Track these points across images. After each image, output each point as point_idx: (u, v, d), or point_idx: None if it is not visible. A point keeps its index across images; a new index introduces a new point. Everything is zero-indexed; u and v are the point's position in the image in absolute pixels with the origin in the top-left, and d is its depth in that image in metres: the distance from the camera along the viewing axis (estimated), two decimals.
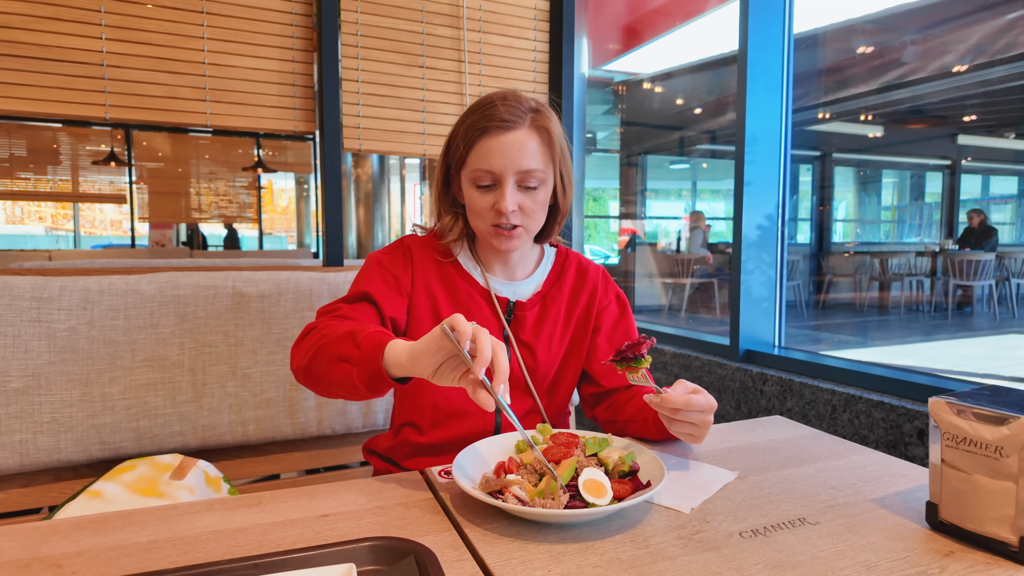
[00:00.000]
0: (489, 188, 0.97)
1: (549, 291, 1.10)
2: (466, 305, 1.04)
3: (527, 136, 0.96)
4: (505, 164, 0.95)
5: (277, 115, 1.64)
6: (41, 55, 1.42)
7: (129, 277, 1.27)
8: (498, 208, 0.96)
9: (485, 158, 0.95)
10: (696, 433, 0.88)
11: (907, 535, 0.70)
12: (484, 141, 0.95)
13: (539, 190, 0.99)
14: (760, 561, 0.64)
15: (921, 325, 6.80)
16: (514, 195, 0.96)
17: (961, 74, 6.31)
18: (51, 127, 8.07)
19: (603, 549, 0.66)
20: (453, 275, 1.05)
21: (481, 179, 0.97)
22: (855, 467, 0.90)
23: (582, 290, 1.12)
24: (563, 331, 1.09)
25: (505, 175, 0.95)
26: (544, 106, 1.01)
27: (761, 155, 2.26)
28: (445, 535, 0.70)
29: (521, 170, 0.96)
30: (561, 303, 1.09)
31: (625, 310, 1.15)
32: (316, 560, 0.59)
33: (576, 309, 1.10)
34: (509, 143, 0.95)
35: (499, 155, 0.95)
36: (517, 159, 0.95)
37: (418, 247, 1.06)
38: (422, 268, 1.04)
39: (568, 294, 1.10)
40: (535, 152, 0.96)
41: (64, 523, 0.73)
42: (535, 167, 0.96)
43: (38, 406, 1.19)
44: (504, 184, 0.96)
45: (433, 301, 1.03)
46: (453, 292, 1.04)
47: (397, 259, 1.04)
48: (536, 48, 1.94)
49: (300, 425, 1.39)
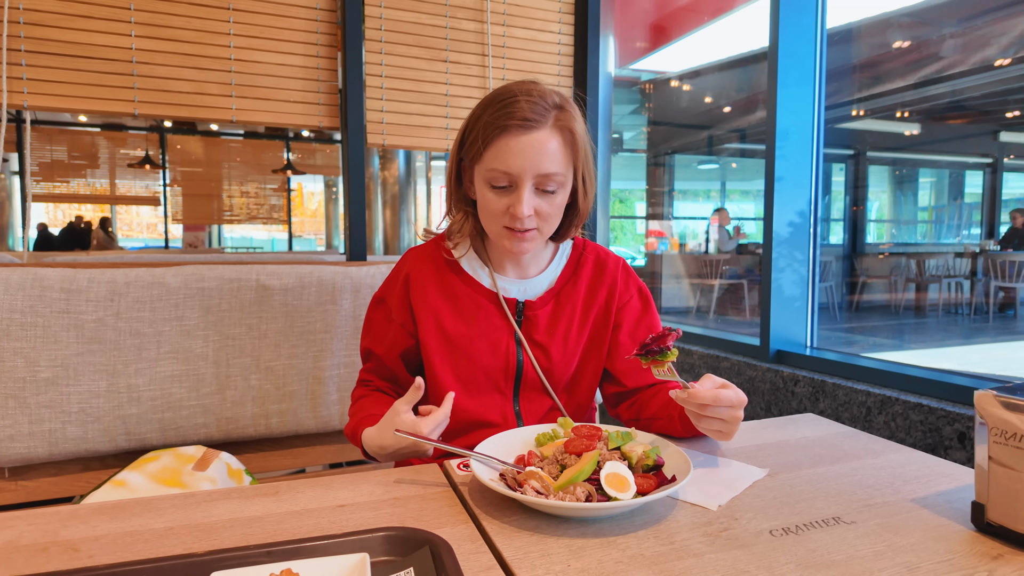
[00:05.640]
0: (505, 189, 0.91)
1: (563, 287, 1.05)
2: (471, 313, 1.00)
3: (549, 137, 0.90)
4: (524, 167, 0.89)
5: (302, 110, 1.65)
6: (73, 52, 1.45)
7: (155, 270, 1.28)
8: (513, 213, 0.91)
9: (503, 158, 0.89)
10: (725, 430, 0.85)
11: (951, 536, 0.65)
12: (503, 140, 0.89)
13: (557, 194, 0.93)
14: (792, 560, 0.60)
15: (960, 328, 6.57)
16: (531, 199, 0.91)
17: (1004, 68, 6.09)
18: (90, 131, 8.32)
19: (625, 544, 0.64)
20: (456, 284, 1.02)
21: (497, 180, 0.91)
22: (893, 466, 0.85)
23: (600, 285, 1.06)
24: (580, 329, 1.04)
25: (523, 178, 0.89)
26: (568, 102, 0.95)
27: (792, 150, 2.20)
28: (463, 527, 0.68)
29: (540, 173, 0.90)
30: (577, 300, 1.04)
31: (648, 304, 1.10)
32: (329, 549, 0.58)
33: (594, 305, 1.05)
34: (530, 144, 0.88)
35: (518, 156, 0.88)
36: (537, 162, 0.89)
37: (416, 264, 1.04)
38: (420, 288, 1.01)
39: (585, 290, 1.05)
40: (556, 154, 0.90)
41: (83, 508, 0.73)
42: (555, 170, 0.90)
43: (67, 396, 1.20)
44: (521, 187, 0.90)
45: (436, 317, 1.00)
46: (456, 302, 1.01)
47: (394, 291, 1.04)
48: (561, 42, 1.91)
49: (322, 419, 1.38)
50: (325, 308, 1.38)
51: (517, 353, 1.01)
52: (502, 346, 1.00)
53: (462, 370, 1.00)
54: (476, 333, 1.00)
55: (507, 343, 1.01)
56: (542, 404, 1.04)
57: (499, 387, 1.01)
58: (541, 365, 1.01)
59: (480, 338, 1.00)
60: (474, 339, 1.00)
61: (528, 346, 1.01)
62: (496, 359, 1.00)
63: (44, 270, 1.21)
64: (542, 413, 1.04)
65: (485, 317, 1.01)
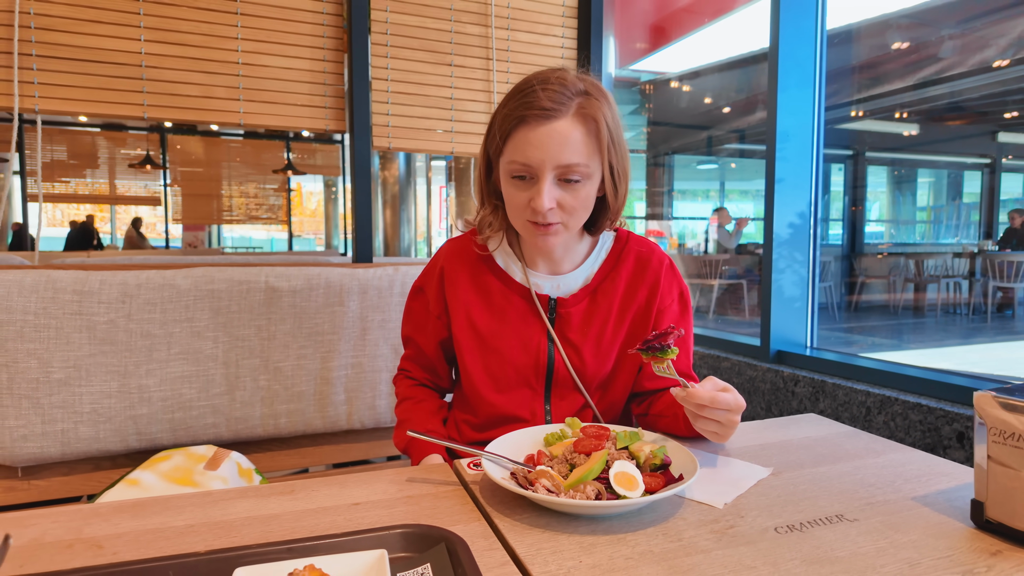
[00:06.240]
0: (526, 181, 0.90)
1: (601, 284, 1.01)
2: (502, 309, 1.00)
3: (570, 126, 0.86)
4: (543, 158, 0.86)
5: (308, 114, 1.66)
6: (83, 56, 1.46)
7: (165, 272, 1.30)
8: (534, 206, 0.88)
9: (522, 150, 0.87)
10: (721, 432, 0.86)
11: (951, 534, 0.67)
12: (521, 131, 0.87)
13: (582, 185, 0.90)
14: (797, 556, 0.62)
15: (959, 328, 6.60)
16: (552, 191, 0.88)
17: (1002, 69, 6.12)
18: (90, 131, 8.32)
19: (635, 541, 0.66)
20: (489, 280, 1.01)
21: (518, 171, 0.89)
22: (894, 465, 0.87)
23: (641, 283, 1.01)
24: (615, 328, 1.00)
25: (543, 169, 0.87)
26: (597, 88, 0.91)
27: (793, 152, 2.22)
28: (475, 524, 0.70)
29: (561, 164, 0.87)
30: (614, 297, 1.00)
31: (686, 310, 1.06)
32: (349, 546, 0.60)
33: (632, 304, 1.01)
34: (548, 135, 0.86)
35: (536, 147, 0.86)
36: (557, 153, 0.86)
37: (450, 258, 1.03)
38: (453, 282, 1.01)
39: (624, 287, 1.01)
40: (578, 144, 0.87)
41: (105, 507, 0.75)
42: (577, 161, 0.87)
43: (79, 396, 1.22)
44: (542, 179, 0.87)
45: (468, 312, 1.00)
46: (488, 297, 1.00)
47: (430, 283, 1.05)
48: (564, 45, 1.93)
49: (330, 419, 1.40)
50: (333, 310, 1.40)
51: (549, 351, 0.99)
52: (533, 343, 0.99)
53: (492, 365, 1.00)
54: (507, 330, 0.99)
55: (538, 341, 0.99)
56: (574, 402, 1.01)
57: (530, 384, 1.00)
58: (573, 364, 0.99)
59: (511, 335, 0.99)
60: (505, 336, 0.99)
61: (560, 344, 0.99)
62: (527, 356, 0.99)
63: (57, 272, 1.22)
64: (574, 411, 1.01)
65: (517, 313, 0.99)
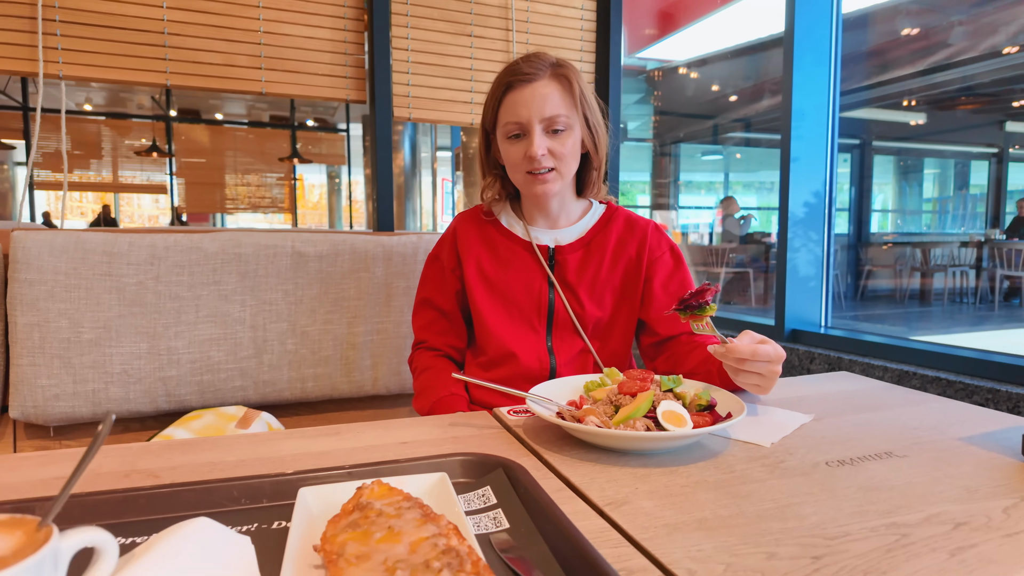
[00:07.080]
0: (519, 138, 1.05)
1: (594, 238, 1.14)
2: (506, 259, 1.13)
3: (548, 85, 1.04)
4: (530, 114, 1.03)
5: (329, 83, 1.66)
6: (106, 23, 1.46)
7: (193, 235, 1.30)
8: (529, 154, 1.03)
9: (513, 110, 1.04)
10: (763, 384, 0.87)
11: (1004, 467, 0.67)
12: (510, 96, 1.05)
13: (566, 134, 1.05)
14: (852, 484, 0.62)
15: (966, 316, 6.59)
16: (542, 140, 1.03)
17: (1011, 55, 6.09)
18: (95, 120, 8.31)
19: (687, 473, 0.66)
20: (495, 235, 1.15)
21: (512, 131, 1.05)
22: (936, 412, 0.87)
23: (630, 238, 1.14)
24: (609, 274, 1.12)
25: (532, 123, 1.03)
26: (565, 61, 1.09)
27: (808, 130, 2.21)
28: (526, 459, 0.70)
29: (545, 117, 1.03)
30: (606, 248, 1.13)
31: (680, 262, 1.15)
32: (409, 470, 0.60)
33: (624, 255, 1.13)
34: (532, 93, 1.03)
35: (524, 105, 1.03)
36: (540, 106, 1.03)
37: (464, 223, 1.18)
38: (465, 241, 1.16)
39: (615, 241, 1.13)
40: (557, 99, 1.04)
41: (154, 445, 0.75)
42: (559, 112, 1.03)
43: (109, 357, 1.22)
44: (532, 132, 1.03)
45: (478, 262, 1.14)
46: (494, 250, 1.14)
47: (444, 246, 1.18)
48: (583, 17, 1.92)
49: (356, 383, 1.40)
50: (359, 275, 1.40)
51: (549, 295, 1.11)
52: (535, 287, 1.11)
53: (499, 304, 1.12)
54: (512, 275, 1.12)
55: (540, 285, 1.12)
56: (573, 344, 1.11)
57: (532, 325, 1.11)
58: (572, 306, 1.11)
59: (515, 279, 1.12)
60: (510, 280, 1.12)
61: (559, 287, 1.11)
62: (529, 298, 1.11)
63: (86, 234, 1.22)
64: (573, 353, 1.11)
65: (520, 262, 1.13)
